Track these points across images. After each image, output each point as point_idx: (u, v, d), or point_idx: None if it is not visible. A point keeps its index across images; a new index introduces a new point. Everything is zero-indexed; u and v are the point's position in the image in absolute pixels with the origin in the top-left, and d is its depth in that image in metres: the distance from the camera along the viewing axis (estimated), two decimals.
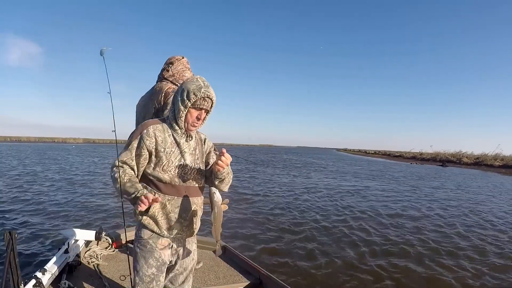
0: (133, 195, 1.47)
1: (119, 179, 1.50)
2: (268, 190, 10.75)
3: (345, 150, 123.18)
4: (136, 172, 1.60)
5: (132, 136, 1.59)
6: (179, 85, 2.62)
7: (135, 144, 1.57)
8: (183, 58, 2.64)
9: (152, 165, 1.58)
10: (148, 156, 1.57)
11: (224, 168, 1.54)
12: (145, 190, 1.52)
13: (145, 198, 1.40)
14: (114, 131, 2.74)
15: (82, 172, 14.14)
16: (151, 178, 1.59)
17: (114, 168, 1.56)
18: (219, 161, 1.51)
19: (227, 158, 1.52)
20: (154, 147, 1.56)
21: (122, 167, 1.55)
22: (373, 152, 75.05)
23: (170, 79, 2.56)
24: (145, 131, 1.57)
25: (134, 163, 1.57)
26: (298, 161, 32.44)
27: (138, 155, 1.57)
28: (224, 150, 1.52)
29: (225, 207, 1.66)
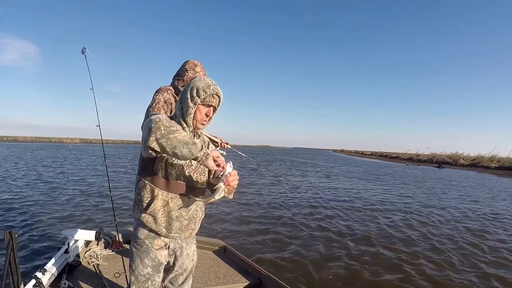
0: (203, 150, 1.40)
1: (181, 134, 1.37)
2: (269, 190, 10.76)
3: (341, 151, 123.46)
4: None
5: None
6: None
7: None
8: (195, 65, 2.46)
9: (164, 157, 1.55)
10: None
11: (235, 187, 1.54)
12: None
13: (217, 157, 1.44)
14: (98, 125, 2.79)
15: (82, 172, 14.08)
16: (159, 172, 1.56)
17: (162, 128, 1.35)
18: (232, 184, 1.49)
19: (235, 177, 1.51)
20: None
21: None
22: (369, 153, 75.24)
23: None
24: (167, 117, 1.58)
25: None
26: (300, 162, 32.46)
27: None
28: (230, 174, 1.50)
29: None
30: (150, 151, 1.40)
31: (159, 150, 1.36)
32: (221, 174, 1.51)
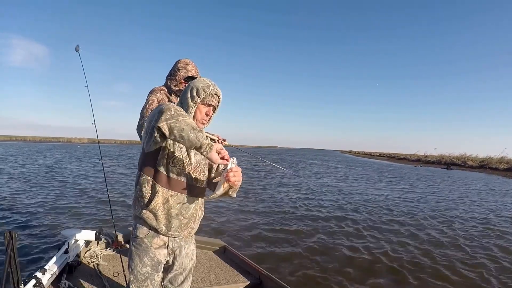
0: (206, 141, 1.40)
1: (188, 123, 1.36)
2: (271, 190, 10.75)
3: (349, 152, 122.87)
4: None
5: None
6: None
7: None
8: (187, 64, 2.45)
9: (166, 153, 1.56)
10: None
11: (238, 183, 1.52)
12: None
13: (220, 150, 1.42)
14: (94, 123, 2.80)
15: (84, 172, 14.21)
16: (161, 169, 1.57)
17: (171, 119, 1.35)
18: (232, 180, 1.46)
19: (237, 174, 1.48)
20: None
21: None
22: (378, 154, 74.62)
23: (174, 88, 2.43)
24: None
25: None
26: (310, 163, 32.37)
27: None
28: (231, 169, 1.46)
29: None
30: (157, 135, 1.40)
31: (167, 131, 1.35)
32: (223, 169, 1.50)
